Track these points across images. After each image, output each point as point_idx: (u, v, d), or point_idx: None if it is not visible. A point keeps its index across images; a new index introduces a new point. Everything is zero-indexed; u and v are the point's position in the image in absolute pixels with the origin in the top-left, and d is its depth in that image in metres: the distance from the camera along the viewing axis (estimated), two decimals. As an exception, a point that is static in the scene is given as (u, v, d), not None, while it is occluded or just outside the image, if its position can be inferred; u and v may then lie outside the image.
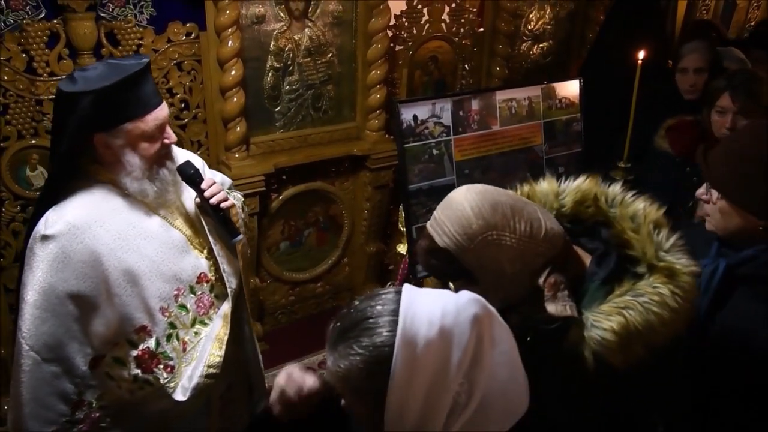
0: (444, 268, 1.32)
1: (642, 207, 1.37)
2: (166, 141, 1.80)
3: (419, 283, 2.63)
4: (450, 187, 2.39)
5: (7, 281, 2.77)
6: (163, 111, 1.78)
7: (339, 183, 3.61)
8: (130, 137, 1.72)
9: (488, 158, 2.44)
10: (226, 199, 1.91)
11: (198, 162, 2.04)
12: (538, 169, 2.56)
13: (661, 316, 1.24)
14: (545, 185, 1.52)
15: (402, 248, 2.81)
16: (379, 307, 1.05)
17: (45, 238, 1.68)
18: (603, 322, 1.24)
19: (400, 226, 2.96)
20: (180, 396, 1.85)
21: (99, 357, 1.79)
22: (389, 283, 3.82)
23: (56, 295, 1.69)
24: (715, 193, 1.65)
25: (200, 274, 1.91)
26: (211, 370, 1.88)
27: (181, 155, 1.97)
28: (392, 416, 1.00)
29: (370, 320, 1.03)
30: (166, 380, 1.85)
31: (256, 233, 3.21)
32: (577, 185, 1.47)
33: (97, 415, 1.84)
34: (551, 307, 1.28)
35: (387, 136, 3.55)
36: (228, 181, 2.28)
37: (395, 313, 1.02)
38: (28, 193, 2.69)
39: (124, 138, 1.71)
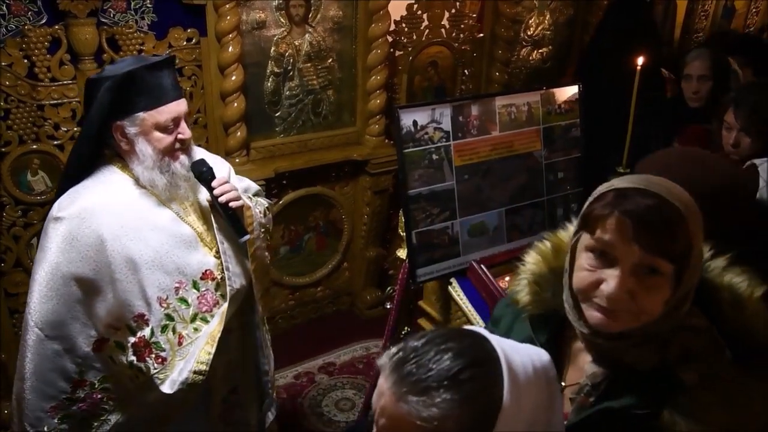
0: (668, 231, 1.03)
1: (743, 279, 1.13)
2: (180, 135, 1.85)
3: (419, 289, 2.63)
4: (450, 192, 2.40)
5: (8, 286, 2.78)
6: (180, 105, 1.84)
7: (339, 188, 3.62)
8: (145, 126, 1.78)
9: (488, 163, 2.44)
10: (237, 199, 1.95)
11: (224, 166, 2.10)
12: (537, 175, 2.57)
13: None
14: None
15: (402, 253, 2.81)
16: (475, 354, 0.95)
17: (56, 219, 1.77)
18: (701, 412, 1.04)
19: (399, 230, 2.96)
20: (167, 389, 1.86)
21: (103, 340, 1.85)
22: (389, 289, 3.83)
23: (61, 275, 1.76)
24: None
25: (205, 270, 1.94)
26: (201, 366, 1.88)
27: (208, 157, 2.02)
28: None
29: (471, 370, 0.93)
30: (156, 371, 1.87)
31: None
32: None
33: (99, 396, 1.89)
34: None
35: (387, 141, 3.56)
36: (255, 187, 2.31)
37: (494, 363, 0.94)
38: (29, 198, 2.70)
39: (138, 127, 1.78)
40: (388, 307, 3.56)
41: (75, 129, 2.69)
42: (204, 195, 1.98)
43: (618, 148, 2.75)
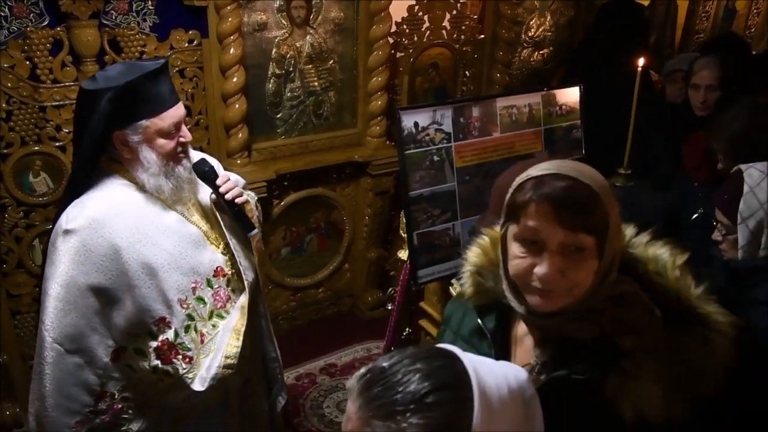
0: (592, 215, 1.10)
1: (665, 249, 1.22)
2: (182, 139, 1.86)
3: (420, 290, 2.63)
4: (451, 194, 2.41)
5: (10, 287, 2.78)
6: (179, 109, 1.84)
7: (340, 189, 3.62)
8: (148, 134, 1.78)
9: (489, 165, 2.44)
10: (240, 195, 1.98)
11: (213, 163, 2.11)
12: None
13: (705, 367, 1.12)
14: None
15: (403, 254, 2.81)
16: (445, 377, 0.91)
17: (66, 232, 1.74)
18: (642, 371, 1.11)
19: (401, 232, 2.97)
20: (198, 386, 1.89)
21: (120, 348, 1.85)
22: (390, 290, 3.83)
23: (77, 288, 1.74)
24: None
25: (216, 268, 1.96)
26: (229, 360, 1.91)
27: (197, 157, 2.03)
28: None
29: (439, 393, 0.89)
30: (185, 371, 1.89)
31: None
32: None
33: (120, 406, 1.89)
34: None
35: (388, 142, 3.56)
36: (242, 180, 2.33)
37: (465, 386, 0.90)
38: (31, 200, 2.70)
39: (141, 134, 1.77)
40: (390, 308, 3.56)
41: (77, 131, 2.70)
42: (203, 194, 2.00)
43: (614, 148, 2.75)
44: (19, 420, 2.87)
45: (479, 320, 1.32)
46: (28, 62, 2.55)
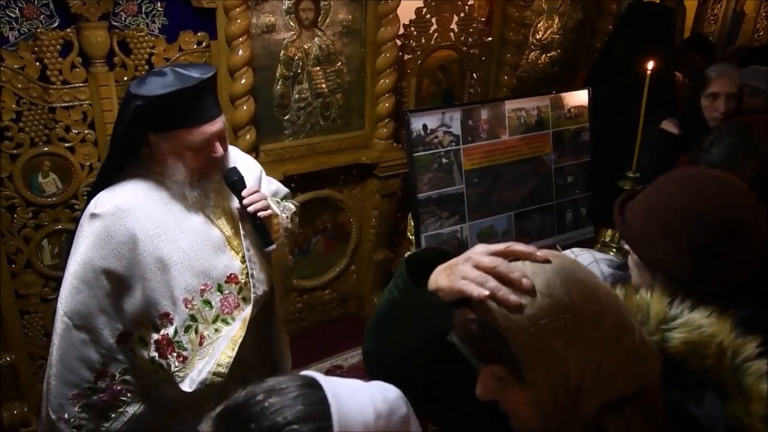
0: (486, 345, 0.92)
1: None
2: (213, 155, 1.85)
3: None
4: (459, 196, 2.41)
5: (18, 287, 2.79)
6: (214, 125, 1.82)
7: (347, 191, 3.62)
8: (176, 145, 1.80)
9: (497, 167, 2.45)
10: (265, 209, 1.96)
11: (256, 169, 2.14)
12: (547, 179, 2.57)
13: None
14: (649, 299, 1.02)
15: (410, 256, 2.82)
16: (301, 408, 0.83)
17: (93, 216, 1.82)
18: None
19: (408, 234, 2.97)
20: (187, 387, 1.90)
21: (127, 333, 1.90)
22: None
23: (93, 269, 1.81)
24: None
25: (231, 274, 1.98)
26: (220, 369, 1.92)
27: (241, 159, 2.07)
28: None
29: (293, 426, 0.81)
30: (177, 369, 1.91)
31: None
32: (699, 321, 0.99)
33: (119, 387, 1.95)
34: None
35: (395, 144, 3.56)
36: (284, 190, 2.33)
37: (324, 416, 0.83)
38: (40, 200, 2.71)
39: (170, 144, 1.81)
40: (396, 310, 3.55)
41: (86, 131, 2.71)
42: (234, 200, 2.00)
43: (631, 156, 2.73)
44: (26, 420, 2.88)
45: None
46: (38, 63, 2.56)
